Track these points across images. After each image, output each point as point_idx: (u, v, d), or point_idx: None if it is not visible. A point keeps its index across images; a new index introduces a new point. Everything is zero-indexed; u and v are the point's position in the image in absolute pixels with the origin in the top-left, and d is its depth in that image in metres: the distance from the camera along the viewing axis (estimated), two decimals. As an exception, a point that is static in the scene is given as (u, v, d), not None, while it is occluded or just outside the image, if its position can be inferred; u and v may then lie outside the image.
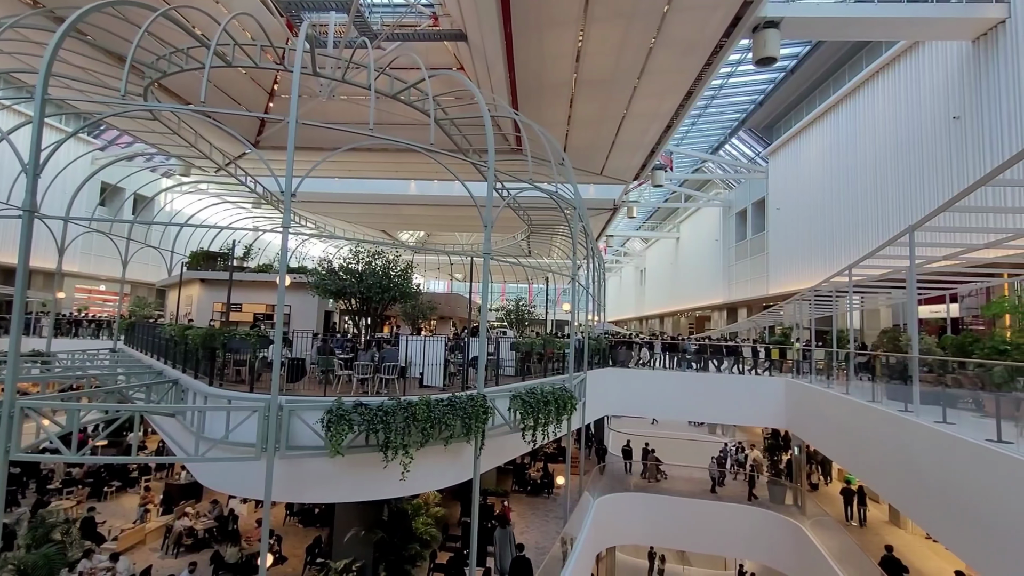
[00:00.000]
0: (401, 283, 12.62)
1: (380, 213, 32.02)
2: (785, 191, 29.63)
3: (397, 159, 22.96)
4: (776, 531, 16.00)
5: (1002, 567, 6.29)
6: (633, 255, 65.57)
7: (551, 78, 15.94)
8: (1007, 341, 9.84)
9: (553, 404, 9.99)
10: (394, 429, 7.46)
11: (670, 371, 17.95)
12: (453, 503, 14.91)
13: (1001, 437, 6.65)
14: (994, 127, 15.88)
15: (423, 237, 49.16)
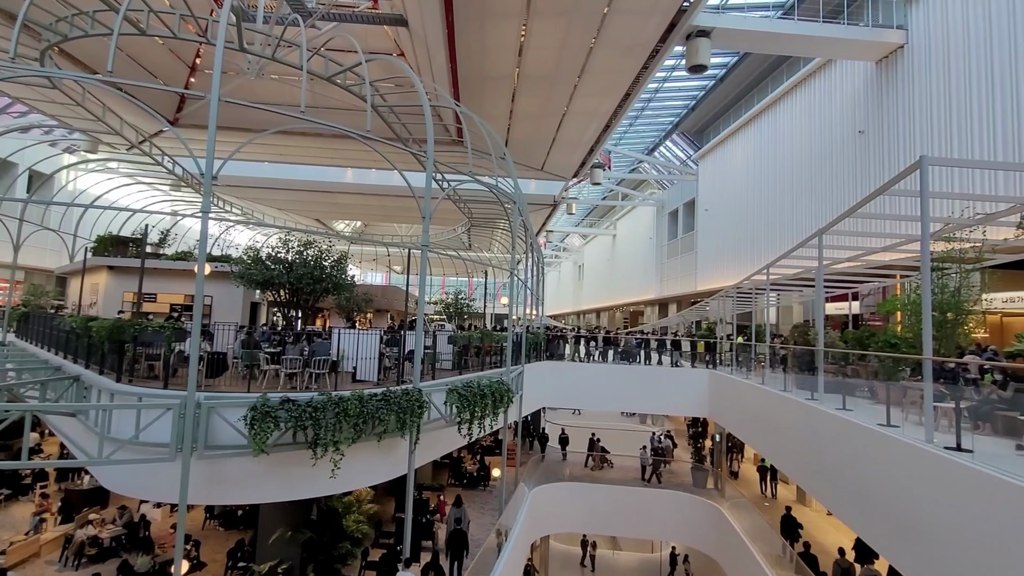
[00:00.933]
0: (334, 274, 12.16)
1: (314, 201, 30.65)
2: (713, 193, 31.30)
3: (333, 145, 22.04)
4: (698, 514, 17.00)
5: (889, 537, 7.03)
6: (572, 251, 67.03)
7: (493, 71, 15.87)
8: (897, 336, 10.95)
9: (490, 397, 10.02)
10: (324, 425, 7.20)
11: (604, 364, 18.54)
12: (387, 499, 14.64)
13: (889, 421, 7.42)
14: (893, 141, 17.58)
15: (360, 227, 47.65)
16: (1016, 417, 6.49)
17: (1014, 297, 14.76)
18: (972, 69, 14.93)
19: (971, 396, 7.47)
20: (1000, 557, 4.87)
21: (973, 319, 10.35)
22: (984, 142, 14.43)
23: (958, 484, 5.49)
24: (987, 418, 7.07)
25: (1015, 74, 13.71)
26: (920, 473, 6.18)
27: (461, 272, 42.66)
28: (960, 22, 15.41)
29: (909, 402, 7.57)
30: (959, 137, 15.18)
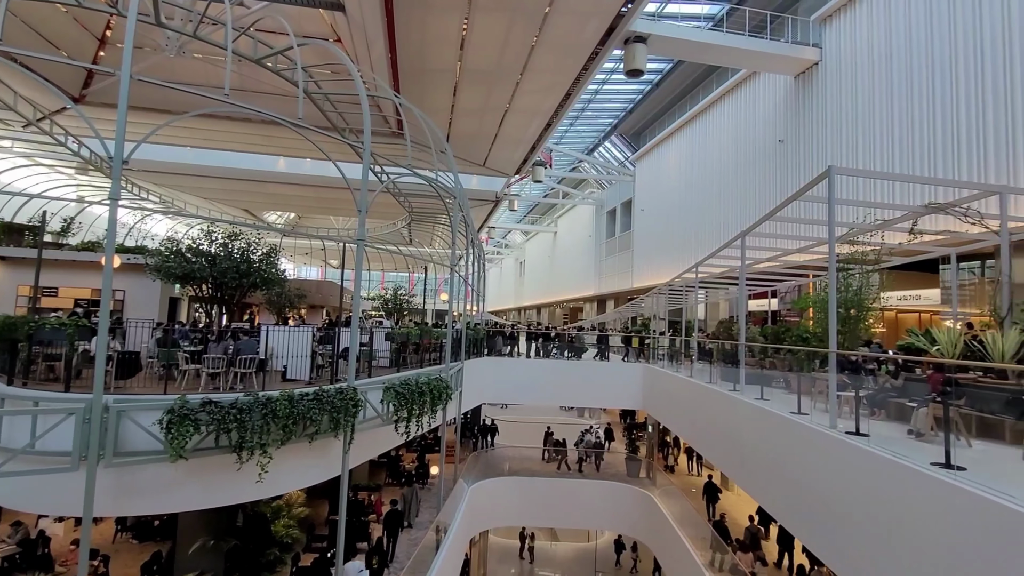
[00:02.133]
0: (263, 268, 11.53)
1: (243, 190, 28.89)
2: (649, 194, 32.52)
3: (264, 132, 20.88)
4: (631, 502, 17.70)
5: (798, 515, 7.64)
6: (514, 247, 67.48)
7: (435, 63, 15.64)
8: (808, 330, 11.88)
9: (428, 394, 9.91)
10: (250, 427, 6.83)
11: (544, 360, 18.82)
12: (320, 501, 14.14)
13: (800, 409, 8.04)
14: (808, 151, 19.00)
15: (293, 219, 45.53)
16: (905, 404, 7.22)
17: (907, 295, 16.43)
18: (875, 87, 16.41)
19: (869, 386, 8.24)
20: (890, 528, 5.41)
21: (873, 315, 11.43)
22: (884, 154, 15.92)
23: (856, 465, 6.04)
24: (882, 405, 7.84)
25: (910, 93, 15.21)
26: (825, 456, 6.74)
27: (401, 267, 41.81)
28: (865, 43, 16.88)
29: (817, 391, 8.24)
30: (864, 149, 16.65)
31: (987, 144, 13.09)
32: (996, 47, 12.95)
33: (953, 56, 14.03)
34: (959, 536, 4.50)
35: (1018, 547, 3.95)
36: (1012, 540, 3.99)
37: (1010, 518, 4.01)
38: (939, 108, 14.34)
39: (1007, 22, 12.73)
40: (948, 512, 4.63)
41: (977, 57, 13.41)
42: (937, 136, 14.36)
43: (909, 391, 7.50)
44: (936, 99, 14.44)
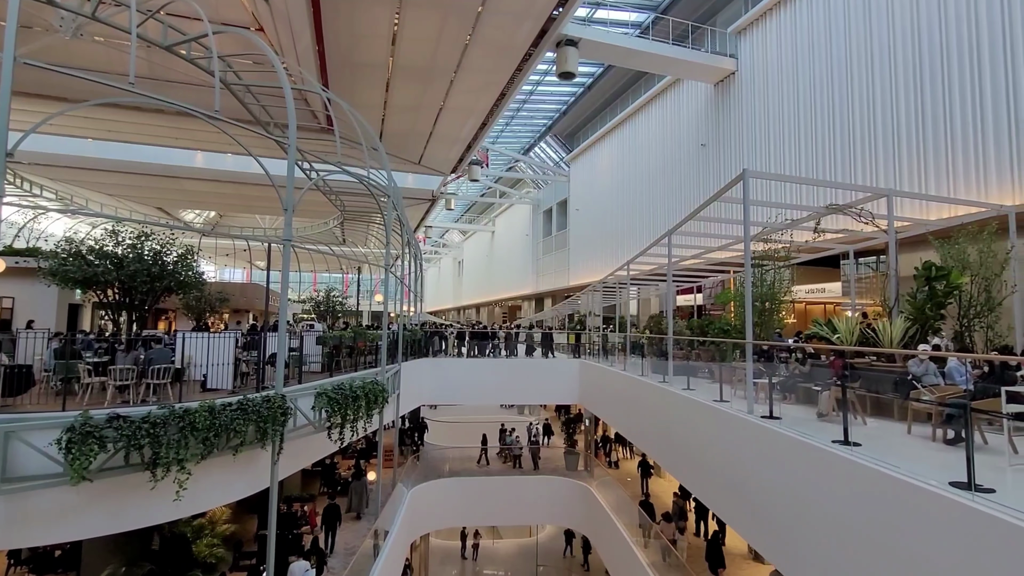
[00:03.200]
0: (179, 270, 10.72)
1: (155, 187, 26.67)
2: (584, 194, 33.38)
3: (178, 124, 19.40)
4: (570, 495, 18.12)
5: (720, 494, 8.15)
6: (451, 246, 67.01)
7: (365, 58, 15.21)
8: (729, 323, 12.69)
9: (364, 398, 9.64)
10: (165, 442, 6.34)
11: (483, 359, 18.84)
12: (248, 517, 13.36)
13: (722, 397, 8.57)
14: (727, 155, 20.25)
15: (213, 218, 42.68)
16: (811, 388, 7.89)
17: (813, 289, 17.94)
18: (783, 97, 17.79)
19: (782, 373, 8.94)
20: (798, 500, 5.91)
21: (784, 308, 12.40)
22: (793, 159, 17.29)
23: (770, 446, 6.54)
24: (792, 390, 8.52)
25: (813, 103, 16.61)
26: (743, 439, 7.24)
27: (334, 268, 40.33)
28: (775, 56, 18.25)
29: (737, 380, 8.82)
30: (775, 154, 18.01)
31: (877, 151, 14.55)
32: (884, 64, 14.42)
33: (848, 70, 15.48)
34: (855, 503, 4.99)
35: (901, 510, 4.44)
36: (897, 504, 4.48)
37: (895, 485, 4.50)
38: (837, 118, 15.77)
39: (892, 43, 14.20)
40: (846, 483, 5.12)
41: (868, 72, 14.87)
42: (836, 143, 15.79)
43: (815, 376, 8.20)
44: (835, 109, 15.86)
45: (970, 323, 9.02)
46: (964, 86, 12.49)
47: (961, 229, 9.46)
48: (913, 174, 13.55)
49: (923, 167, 13.36)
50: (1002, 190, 11.58)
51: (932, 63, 13.22)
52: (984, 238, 9.16)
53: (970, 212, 10.25)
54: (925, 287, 8.73)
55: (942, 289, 8.57)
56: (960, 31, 12.60)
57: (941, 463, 4.99)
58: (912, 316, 8.65)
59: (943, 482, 4.19)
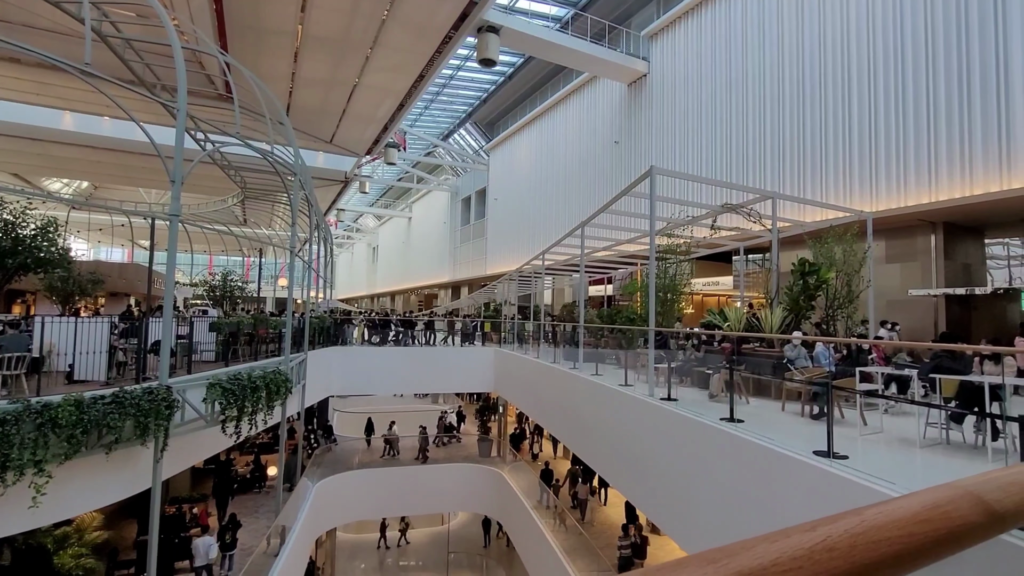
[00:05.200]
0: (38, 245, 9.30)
1: (9, 149, 22.88)
2: (502, 184, 33.54)
3: (40, 77, 16.75)
4: (483, 481, 18.32)
5: (624, 472, 8.64)
6: (366, 232, 64.52)
7: (271, 24, 14.06)
8: (635, 312, 13.42)
9: (263, 389, 9.02)
10: (18, 442, 5.52)
11: (395, 348, 18.41)
12: (127, 521, 12.07)
13: (627, 382, 9.06)
14: (638, 152, 21.28)
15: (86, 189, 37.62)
16: (704, 371, 8.57)
17: (709, 282, 19.49)
18: (688, 101, 19.02)
19: (679, 358, 9.62)
20: (691, 472, 6.43)
21: (684, 298, 13.33)
22: (695, 159, 18.58)
23: (668, 425, 7.03)
24: (689, 374, 9.21)
25: (713, 108, 17.93)
26: (644, 420, 7.71)
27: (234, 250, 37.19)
28: (682, 62, 19.42)
29: (640, 365, 9.36)
30: (680, 154, 19.24)
31: (765, 157, 16.04)
32: (774, 79, 15.88)
33: (744, 81, 16.87)
34: (738, 473, 5.52)
35: (775, 476, 4.97)
36: (772, 472, 5.02)
37: (770, 456, 5.03)
38: (734, 124, 17.16)
39: (781, 61, 15.67)
40: (731, 455, 5.64)
41: (760, 85, 16.31)
42: (732, 147, 17.19)
43: (707, 361, 8.93)
44: (732, 116, 17.24)
45: (834, 313, 10.27)
46: (837, 105, 14.12)
47: (830, 231, 10.72)
48: (795, 180, 15.11)
49: (802, 174, 14.94)
50: (863, 198, 13.28)
51: (812, 82, 14.78)
52: (847, 239, 10.45)
53: (838, 216, 11.64)
54: (800, 281, 9.79)
55: (813, 283, 9.67)
56: (835, 56, 14.20)
57: (808, 435, 5.65)
58: (789, 307, 9.68)
59: (808, 451, 4.74)
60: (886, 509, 0.41)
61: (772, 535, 0.35)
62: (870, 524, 0.39)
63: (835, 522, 0.40)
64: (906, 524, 0.39)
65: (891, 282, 13.36)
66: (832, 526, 0.39)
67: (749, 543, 0.36)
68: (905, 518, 0.39)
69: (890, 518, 0.39)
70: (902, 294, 13.11)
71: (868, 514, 0.40)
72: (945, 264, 12.69)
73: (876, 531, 0.38)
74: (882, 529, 0.38)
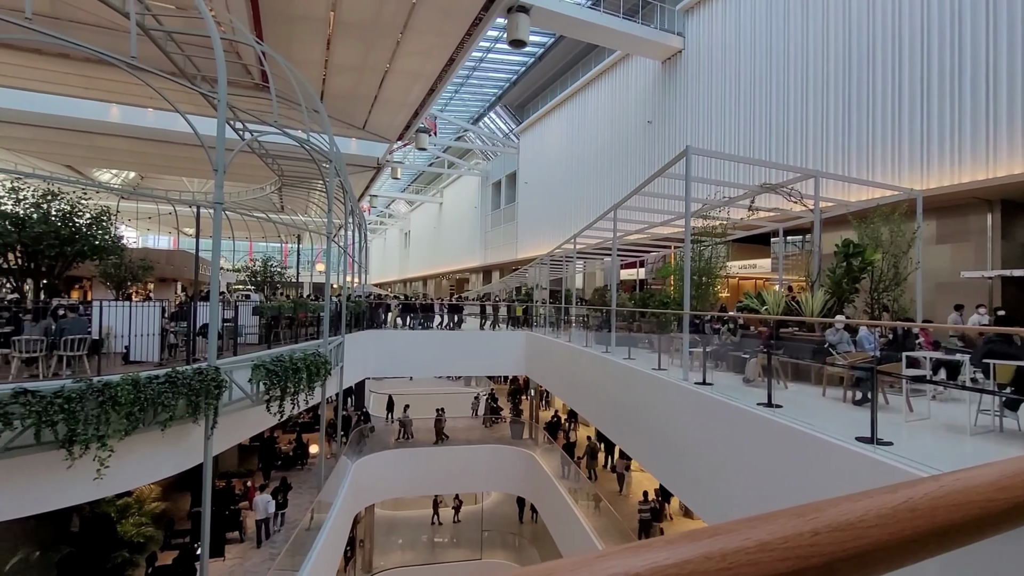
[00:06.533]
0: (93, 234, 9.81)
1: (62, 142, 24.03)
2: (532, 167, 33.28)
3: (87, 71, 17.46)
4: (515, 462, 18.60)
5: (656, 455, 8.62)
6: (398, 217, 65.31)
7: (304, 10, 14.21)
8: (669, 296, 13.22)
9: (304, 371, 9.36)
10: (83, 418, 5.91)
11: (428, 331, 18.71)
12: (181, 494, 12.82)
13: (660, 366, 8.98)
14: (672, 131, 20.72)
15: (133, 179, 39.27)
16: (741, 356, 8.41)
17: (746, 264, 18.97)
18: (726, 77, 18.32)
19: (715, 342, 9.45)
20: (726, 457, 6.36)
21: (720, 282, 13.05)
22: (732, 138, 17.96)
23: (702, 409, 6.95)
24: (724, 358, 9.05)
25: (752, 84, 17.24)
26: (678, 404, 7.65)
27: (272, 236, 38.31)
28: (720, 37, 18.69)
29: (674, 349, 9.25)
30: (716, 133, 18.63)
31: (808, 135, 15.37)
32: (817, 54, 15.12)
33: (785, 56, 16.12)
34: (777, 458, 5.43)
35: (815, 462, 4.87)
36: (811, 457, 4.91)
37: (810, 441, 4.92)
38: (774, 101, 16.47)
39: (825, 34, 14.89)
40: (768, 440, 5.55)
41: (803, 60, 15.56)
42: (772, 125, 16.52)
43: (744, 345, 8.74)
44: (773, 92, 16.54)
45: (879, 296, 9.86)
46: (886, 77, 13.35)
47: (876, 210, 10.23)
48: (839, 158, 14.45)
49: (847, 152, 14.26)
50: (912, 176, 12.60)
51: (859, 56, 14.00)
52: (895, 219, 9.97)
53: (885, 195, 11.09)
54: (843, 263, 9.42)
55: (858, 265, 9.29)
56: (885, 29, 13.39)
57: (849, 421, 5.50)
58: (831, 290, 9.35)
59: (850, 437, 4.62)
60: (964, 476, 0.41)
61: (854, 495, 0.36)
62: (949, 489, 0.39)
63: (914, 486, 0.41)
64: (986, 490, 0.39)
65: (941, 264, 12.70)
66: (912, 489, 0.40)
67: (834, 501, 0.37)
68: (984, 484, 0.39)
69: (969, 484, 0.39)
70: (953, 276, 12.46)
71: (946, 480, 0.40)
72: (1003, 244, 11.97)
73: (956, 495, 0.38)
74: (962, 494, 0.38)
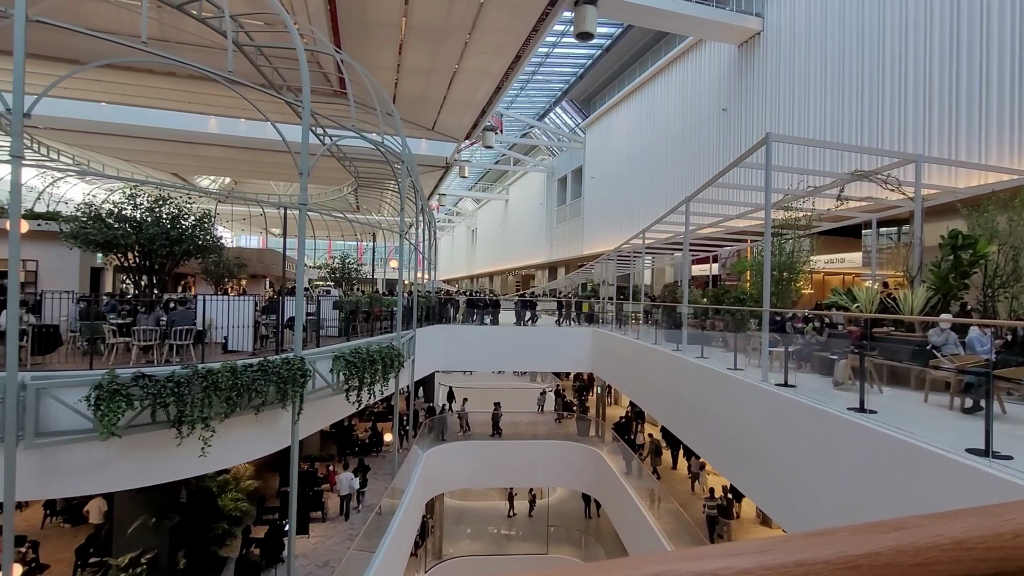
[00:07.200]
0: (196, 235, 10.83)
1: (169, 152, 26.71)
2: (599, 161, 32.75)
3: (190, 87, 19.24)
4: (581, 459, 18.47)
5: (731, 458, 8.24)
6: (465, 215, 66.67)
7: (378, 17, 14.82)
8: (745, 292, 12.55)
9: (380, 363, 9.81)
10: (190, 401, 6.56)
11: (495, 327, 18.97)
12: (271, 474, 13.89)
13: (736, 366, 8.56)
14: (749, 119, 19.61)
15: (228, 184, 42.81)
16: (827, 356, 7.83)
17: (832, 259, 17.60)
18: (811, 58, 17.04)
19: (797, 342, 8.86)
20: (810, 465, 5.95)
21: (803, 277, 12.21)
22: (817, 123, 16.69)
23: (784, 413, 6.54)
24: (808, 359, 8.47)
25: (841, 65, 15.91)
26: (757, 406, 7.25)
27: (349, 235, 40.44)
28: (803, 15, 17.39)
29: (751, 348, 8.78)
30: (799, 118, 17.39)
31: (906, 115, 13.97)
32: (919, 24, 13.68)
33: (880, 31, 14.72)
34: (870, 469, 5.01)
35: (916, 475, 4.45)
36: (912, 469, 4.49)
37: (911, 451, 4.50)
38: (866, 80, 15.10)
39: (929, 3, 13.43)
40: (861, 449, 5.13)
41: (902, 32, 14.13)
42: (864, 106, 15.17)
43: (831, 345, 8.13)
44: (864, 71, 15.18)
45: (994, 293, 8.81)
46: (1004, 48, 11.83)
47: (991, 197, 9.12)
48: (944, 140, 13.03)
49: (955, 132, 12.82)
50: (1038, 157, 11.11)
51: (971, 22, 12.50)
52: (1016, 206, 8.84)
53: (1001, 179, 9.87)
54: (950, 256, 8.50)
55: (968, 258, 8.34)
56: (1004, -15, 11.86)
57: (957, 431, 4.96)
58: (935, 286, 8.46)
59: (959, 449, 4.17)
60: None
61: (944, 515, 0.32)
62: None
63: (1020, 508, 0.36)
64: None
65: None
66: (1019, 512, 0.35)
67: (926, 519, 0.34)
68: None
69: None
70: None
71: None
72: None
73: None
74: None
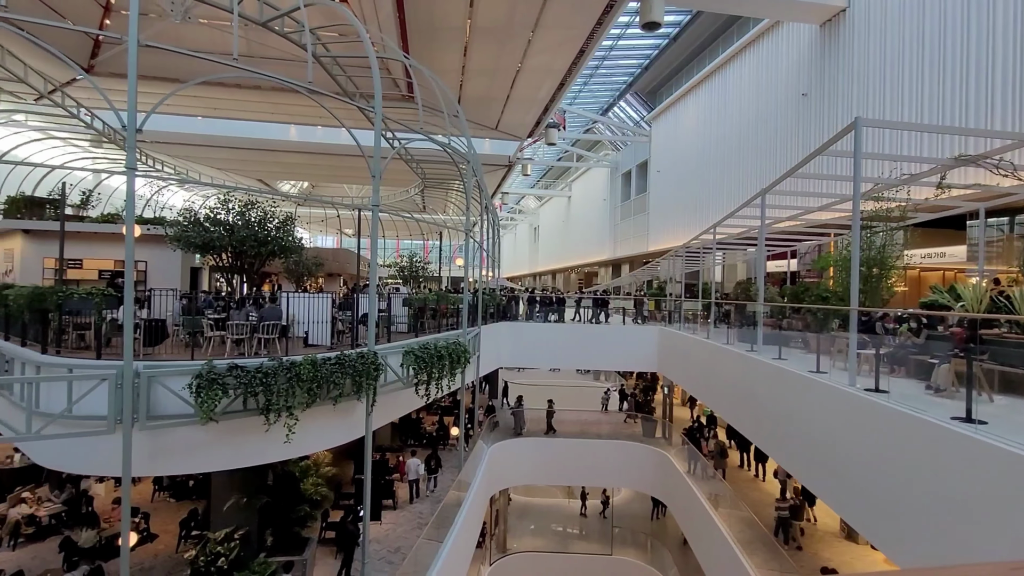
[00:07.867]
0: (280, 236, 11.64)
1: (255, 160, 28.90)
2: (665, 154, 31.72)
3: (273, 99, 20.68)
4: (647, 460, 18.03)
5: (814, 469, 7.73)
6: (527, 213, 66.92)
7: (444, 21, 15.18)
8: (828, 289, 11.69)
9: (447, 358, 10.08)
10: (276, 391, 7.05)
11: (560, 324, 18.91)
12: (346, 462, 14.67)
13: (819, 368, 8.01)
14: (833, 103, 18.24)
15: (307, 188, 45.55)
16: (926, 360, 7.14)
17: (930, 253, 16.00)
18: (905, 36, 15.53)
19: (889, 343, 8.15)
20: (908, 479, 5.45)
21: (896, 273, 11.20)
22: (913, 105, 15.21)
23: (875, 421, 6.04)
24: (902, 362, 7.76)
25: (943, 42, 14.38)
26: (843, 413, 6.75)
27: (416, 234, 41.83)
28: (898, -13, 15.88)
29: (836, 350, 8.18)
30: (891, 100, 15.92)
31: (1021, 91, 12.40)
32: (1040, -15, 12.10)
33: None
34: (976, 485, 4.52)
35: (1038, 498, 3.96)
36: (1032, 491, 4.00)
37: (1031, 470, 4.01)
38: (973, 54, 13.56)
39: (1054, -43, 11.85)
40: (967, 464, 4.64)
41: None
42: (970, 84, 13.63)
43: (930, 348, 7.40)
44: (971, 45, 13.63)
45: None
46: None
47: None
48: (1071, 117, 11.46)
49: (1086, 108, 11.24)
50: None
51: (1108, -22, 10.89)
52: None
53: None
54: (1080, 249, 7.47)
55: (1103, 251, 7.29)
56: None
57: (1091, 448, 4.36)
58: (1060, 283, 7.48)
59: (1094, 469, 3.67)
60: None
61: None
62: None
63: None
64: None
65: None
66: None
67: None
68: None
69: None
70: None
71: None
72: None
73: None
74: None
